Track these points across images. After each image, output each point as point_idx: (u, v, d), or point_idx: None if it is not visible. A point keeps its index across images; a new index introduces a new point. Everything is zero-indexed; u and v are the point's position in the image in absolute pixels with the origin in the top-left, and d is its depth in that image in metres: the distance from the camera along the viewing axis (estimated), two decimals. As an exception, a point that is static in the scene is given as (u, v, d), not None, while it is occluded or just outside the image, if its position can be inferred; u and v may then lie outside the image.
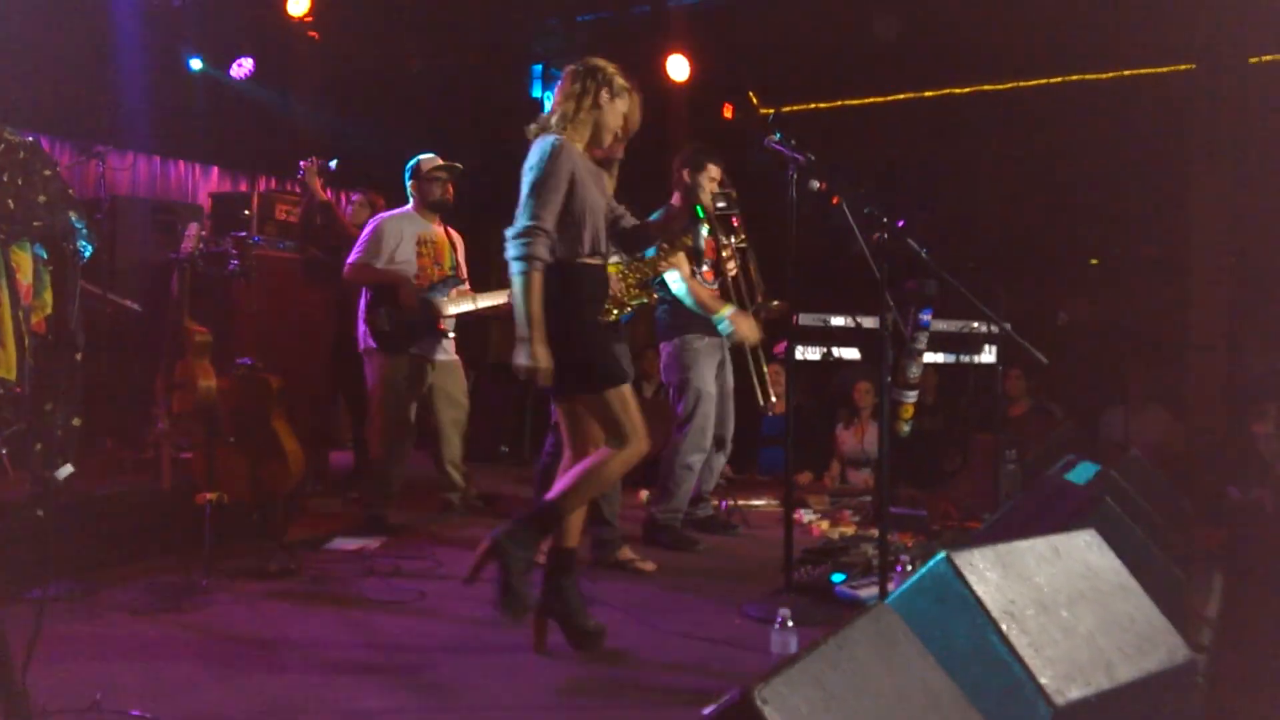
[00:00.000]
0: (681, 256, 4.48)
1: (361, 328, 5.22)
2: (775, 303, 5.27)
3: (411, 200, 5.25)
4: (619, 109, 3.40)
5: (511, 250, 3.15)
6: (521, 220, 3.16)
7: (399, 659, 3.27)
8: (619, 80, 3.37)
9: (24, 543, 3.57)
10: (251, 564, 4.23)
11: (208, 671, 3.10)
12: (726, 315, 4.72)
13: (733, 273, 4.85)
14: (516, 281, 3.14)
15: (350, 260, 5.10)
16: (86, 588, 3.81)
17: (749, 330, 4.75)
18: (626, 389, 3.27)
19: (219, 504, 4.06)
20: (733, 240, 4.68)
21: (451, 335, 5.20)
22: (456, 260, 5.29)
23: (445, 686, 3.02)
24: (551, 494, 3.23)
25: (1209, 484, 5.56)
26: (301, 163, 6.03)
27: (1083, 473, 4.59)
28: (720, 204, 4.36)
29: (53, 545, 3.42)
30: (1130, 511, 3.20)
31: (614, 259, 4.30)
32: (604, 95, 3.34)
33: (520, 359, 3.13)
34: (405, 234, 5.11)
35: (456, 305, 5.14)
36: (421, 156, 5.25)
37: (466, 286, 5.27)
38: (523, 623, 3.22)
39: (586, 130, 3.36)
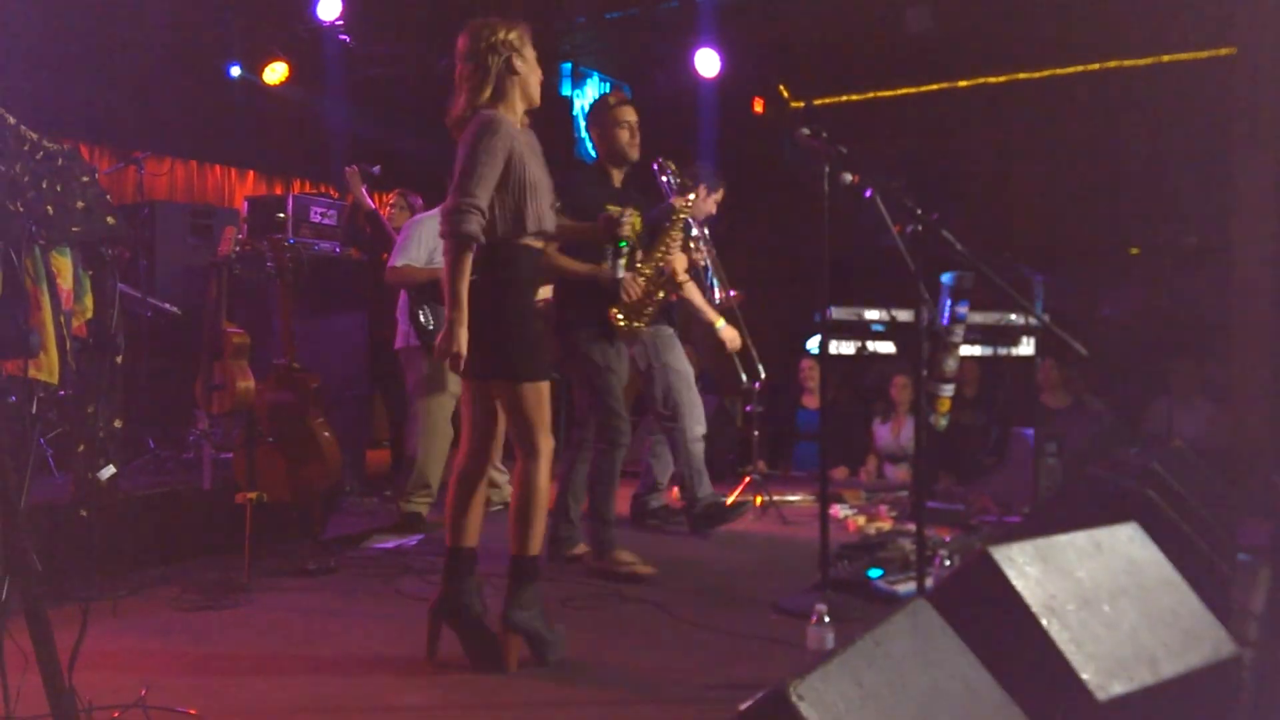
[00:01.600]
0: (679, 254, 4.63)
1: (402, 326, 5.25)
2: (733, 293, 5.36)
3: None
4: (531, 59, 3.23)
5: (442, 227, 3.02)
6: (453, 197, 3.01)
7: (436, 657, 3.28)
8: (514, 35, 3.18)
9: (68, 542, 3.62)
10: (291, 562, 4.27)
11: (249, 668, 3.14)
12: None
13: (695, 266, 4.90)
14: (445, 259, 3.01)
15: (391, 263, 5.12)
16: (129, 586, 3.86)
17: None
18: (545, 388, 3.14)
19: (259, 503, 4.10)
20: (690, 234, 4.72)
21: None
22: None
23: (482, 683, 3.03)
24: (513, 548, 3.12)
25: (1255, 476, 5.46)
26: (347, 167, 6.07)
27: None
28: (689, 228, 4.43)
29: (96, 544, 3.48)
30: (1174, 504, 3.15)
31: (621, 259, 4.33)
32: (517, 62, 3.18)
33: (442, 343, 2.99)
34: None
35: None
36: None
37: None
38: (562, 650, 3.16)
39: (517, 100, 3.20)
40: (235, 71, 7.88)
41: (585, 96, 9.32)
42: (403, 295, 5.23)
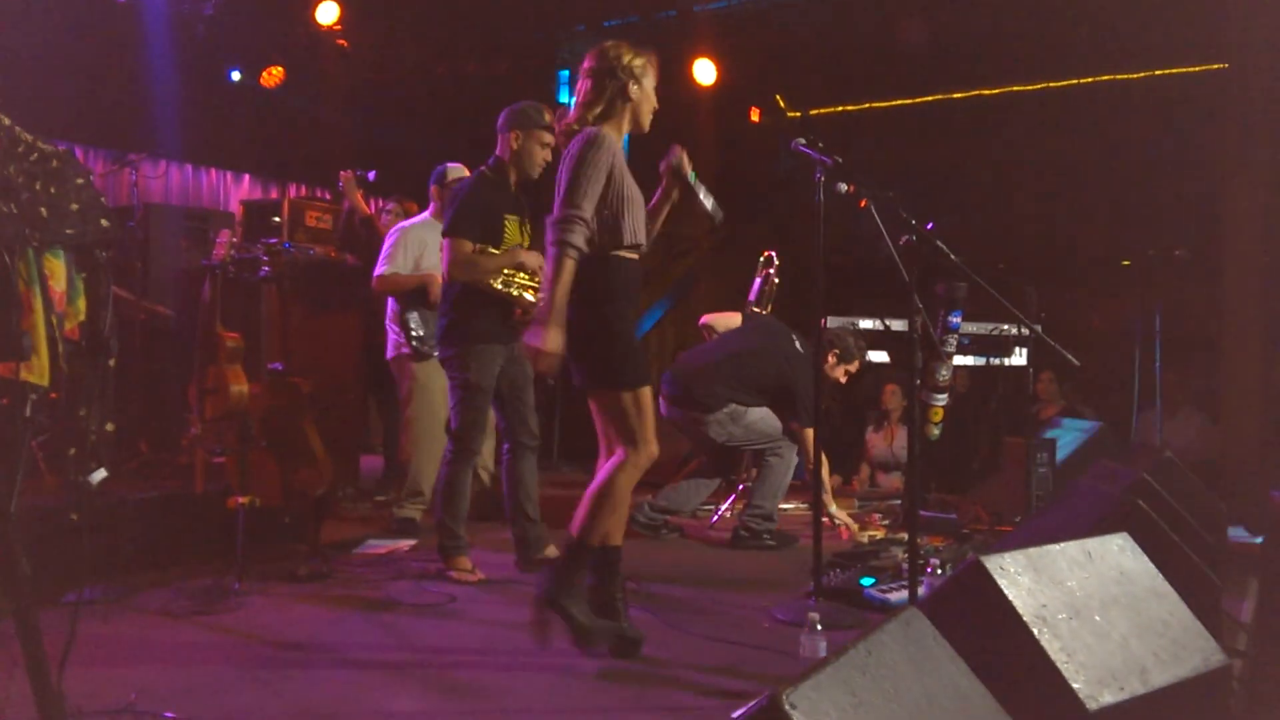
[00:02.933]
0: None
1: (390, 336, 5.24)
2: None
3: (431, 206, 5.28)
4: (649, 89, 3.40)
5: (550, 236, 3.15)
6: (560, 209, 3.16)
7: (429, 662, 3.28)
8: (638, 63, 3.36)
9: (59, 546, 3.61)
10: (283, 567, 4.26)
11: (240, 674, 3.13)
12: None
13: None
14: (550, 266, 3.15)
15: (377, 272, 5.11)
16: (120, 591, 3.85)
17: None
18: (645, 393, 3.26)
19: (251, 508, 4.09)
20: None
21: None
22: None
23: (475, 689, 3.03)
24: (574, 527, 3.23)
25: (1244, 487, 5.48)
26: (342, 172, 6.05)
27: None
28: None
29: (87, 549, 3.47)
30: (1164, 515, 3.16)
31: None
32: (632, 88, 3.34)
33: (533, 339, 3.12)
34: (429, 242, 5.11)
35: None
36: (448, 165, 5.27)
37: None
38: (600, 643, 3.25)
39: (625, 122, 3.38)
40: (235, 76, 7.88)
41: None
42: (390, 303, 5.22)
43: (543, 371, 3.18)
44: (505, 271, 4.26)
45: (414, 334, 5.06)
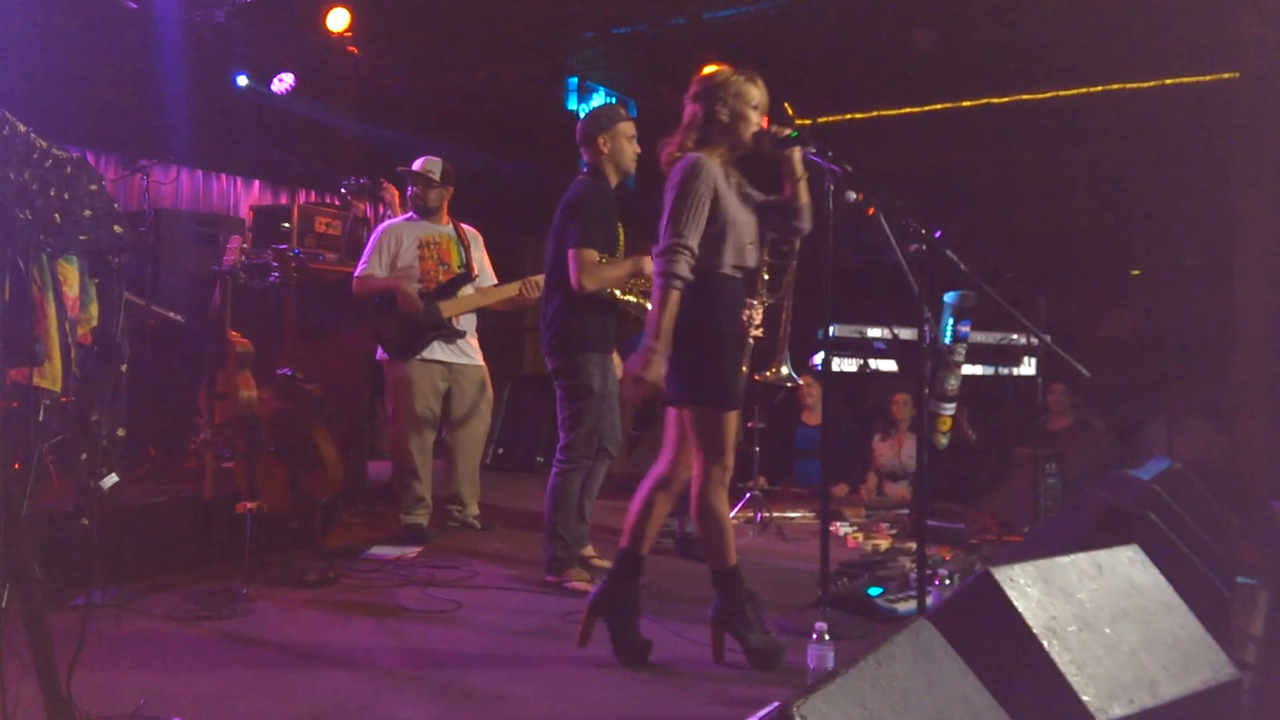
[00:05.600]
0: None
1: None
2: (790, 384, 5.07)
3: (411, 205, 5.33)
4: (742, 110, 3.38)
5: (656, 266, 3.19)
6: (666, 238, 3.20)
7: (436, 669, 3.28)
8: (734, 85, 3.37)
9: (69, 551, 3.62)
10: (291, 573, 4.27)
11: (247, 679, 3.13)
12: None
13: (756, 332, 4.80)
14: (657, 295, 3.18)
15: (355, 273, 5.14)
16: (129, 595, 3.85)
17: None
18: (734, 416, 3.30)
19: (259, 513, 4.10)
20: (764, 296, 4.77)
21: (468, 335, 5.21)
22: (467, 259, 5.28)
23: (481, 696, 3.03)
24: (709, 562, 3.35)
25: (1254, 498, 5.46)
26: (383, 185, 6.04)
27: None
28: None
29: (97, 553, 3.47)
30: (1174, 527, 3.15)
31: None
32: (723, 112, 3.34)
33: (635, 366, 3.14)
34: (405, 239, 5.13)
35: (458, 306, 5.13)
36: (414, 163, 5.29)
37: (492, 284, 5.28)
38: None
39: (721, 145, 3.37)
40: (242, 81, 7.90)
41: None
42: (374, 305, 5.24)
43: (631, 398, 3.21)
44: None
45: (391, 337, 5.05)
